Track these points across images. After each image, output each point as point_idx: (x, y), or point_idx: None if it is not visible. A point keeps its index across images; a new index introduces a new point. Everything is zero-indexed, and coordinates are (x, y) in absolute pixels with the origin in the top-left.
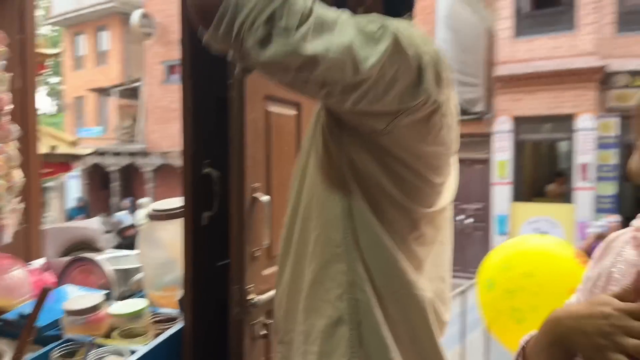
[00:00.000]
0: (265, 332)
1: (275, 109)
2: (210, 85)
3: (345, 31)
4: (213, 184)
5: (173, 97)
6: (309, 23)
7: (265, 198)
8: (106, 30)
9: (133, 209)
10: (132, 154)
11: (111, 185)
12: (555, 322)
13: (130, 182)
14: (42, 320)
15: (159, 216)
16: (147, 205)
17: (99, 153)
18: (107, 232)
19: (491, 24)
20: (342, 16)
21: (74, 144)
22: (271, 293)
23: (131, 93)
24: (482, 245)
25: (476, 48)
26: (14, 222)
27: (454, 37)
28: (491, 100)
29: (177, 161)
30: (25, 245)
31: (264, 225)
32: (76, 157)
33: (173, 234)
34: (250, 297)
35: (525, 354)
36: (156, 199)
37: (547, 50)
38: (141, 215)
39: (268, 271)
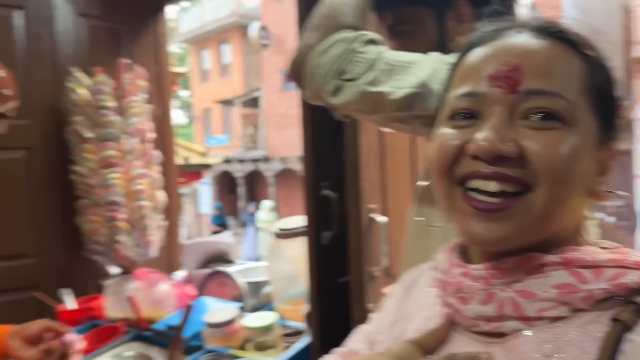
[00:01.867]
0: None
1: (388, 128)
2: (327, 110)
3: (420, 69)
4: (332, 205)
5: (290, 104)
6: (377, 69)
7: (382, 219)
8: (227, 43)
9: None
10: (255, 160)
11: (238, 189)
12: None
13: (255, 186)
14: (186, 332)
15: (284, 234)
16: (269, 207)
17: (226, 161)
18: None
19: None
20: (422, 57)
21: (204, 154)
22: None
23: (252, 102)
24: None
25: (610, 27)
26: (159, 238)
27: (583, 17)
28: (630, 84)
29: (296, 165)
30: (167, 259)
31: (382, 245)
32: (206, 166)
33: (297, 250)
34: (370, 315)
35: None
36: (278, 201)
37: None
38: (263, 216)
39: (387, 290)
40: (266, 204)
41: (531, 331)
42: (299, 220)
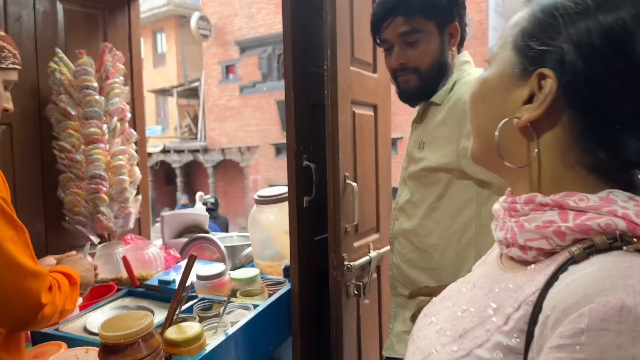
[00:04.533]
0: (356, 292)
1: (358, 110)
2: (306, 94)
3: None
4: (312, 174)
5: (230, 96)
6: None
7: (354, 184)
8: (163, 32)
9: (192, 203)
10: (193, 151)
11: (176, 180)
12: None
13: (193, 177)
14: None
15: (263, 201)
16: (204, 198)
17: (164, 151)
18: None
19: None
20: None
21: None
22: (360, 260)
23: (190, 93)
24: None
25: None
26: (136, 211)
27: (505, 24)
28: None
29: (236, 157)
30: (140, 231)
31: (354, 207)
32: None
33: (273, 216)
34: (345, 263)
35: None
36: (217, 192)
37: None
38: (199, 207)
39: (357, 243)
40: (202, 196)
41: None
42: (275, 190)
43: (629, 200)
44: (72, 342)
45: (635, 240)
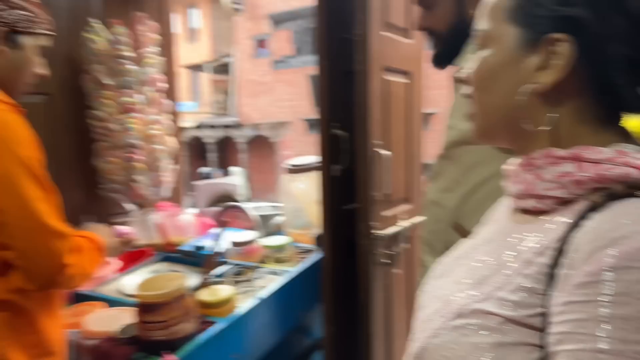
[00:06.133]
0: (386, 260)
1: (390, 77)
2: (338, 62)
3: None
4: (342, 143)
5: (262, 71)
6: None
7: (386, 153)
8: (196, 7)
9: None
10: (226, 127)
11: (208, 155)
12: None
13: (226, 153)
14: (212, 249)
15: (295, 170)
16: (239, 173)
17: (197, 126)
18: None
19: None
20: None
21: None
22: (390, 230)
23: (222, 68)
24: None
25: None
26: (170, 180)
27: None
28: None
29: (268, 132)
30: (175, 199)
31: (384, 176)
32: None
33: (304, 186)
34: (374, 231)
35: None
36: (250, 167)
37: None
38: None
39: (387, 213)
40: (235, 170)
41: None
42: (307, 159)
43: (638, 152)
44: (110, 302)
45: None
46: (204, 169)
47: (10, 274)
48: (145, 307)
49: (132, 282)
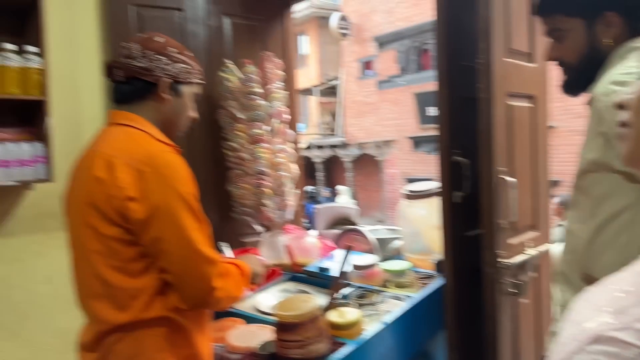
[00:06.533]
0: (513, 290)
1: (514, 102)
2: (458, 88)
3: None
4: (463, 169)
5: (368, 91)
6: None
7: (511, 179)
8: (305, 34)
9: (333, 196)
10: (333, 146)
11: (316, 175)
12: None
13: (332, 171)
14: (335, 272)
15: (413, 196)
16: (345, 192)
17: (306, 147)
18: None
19: None
20: None
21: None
22: (517, 258)
23: (329, 91)
24: None
25: None
26: (294, 203)
27: None
28: None
29: (373, 151)
30: (296, 221)
31: (510, 203)
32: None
33: (422, 211)
34: (500, 260)
35: None
36: (355, 186)
37: None
38: (348, 201)
39: (513, 241)
40: (341, 189)
41: None
42: (425, 185)
43: None
44: (247, 318)
45: None
46: (309, 188)
47: (169, 294)
48: (283, 326)
49: (266, 299)
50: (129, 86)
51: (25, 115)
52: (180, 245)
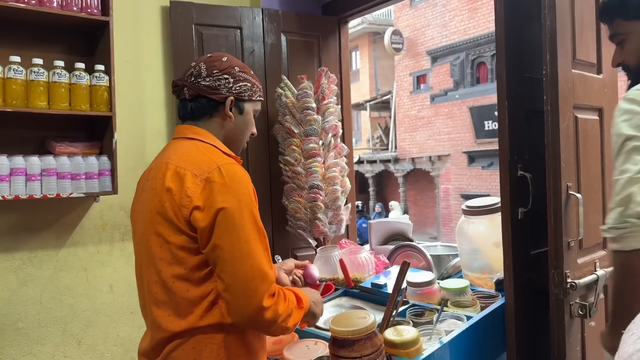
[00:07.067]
0: (581, 312)
1: (581, 115)
2: (521, 101)
3: None
4: (528, 185)
5: (421, 105)
6: None
7: (578, 195)
8: (357, 50)
9: (385, 211)
10: (384, 161)
11: (369, 189)
12: None
13: (384, 186)
14: (391, 289)
15: (472, 212)
16: (397, 207)
17: (358, 162)
18: None
19: None
20: None
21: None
22: (585, 279)
23: (381, 106)
24: None
25: None
26: (346, 218)
27: None
28: None
29: (426, 166)
30: (349, 236)
31: (577, 219)
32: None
33: (482, 227)
34: (568, 280)
35: None
36: (407, 200)
37: None
38: (403, 216)
39: (581, 260)
40: (394, 204)
41: None
42: (484, 200)
43: None
44: (300, 333)
45: None
46: (359, 203)
47: (221, 303)
48: (339, 342)
49: None
50: (195, 103)
51: (92, 130)
52: (237, 255)
